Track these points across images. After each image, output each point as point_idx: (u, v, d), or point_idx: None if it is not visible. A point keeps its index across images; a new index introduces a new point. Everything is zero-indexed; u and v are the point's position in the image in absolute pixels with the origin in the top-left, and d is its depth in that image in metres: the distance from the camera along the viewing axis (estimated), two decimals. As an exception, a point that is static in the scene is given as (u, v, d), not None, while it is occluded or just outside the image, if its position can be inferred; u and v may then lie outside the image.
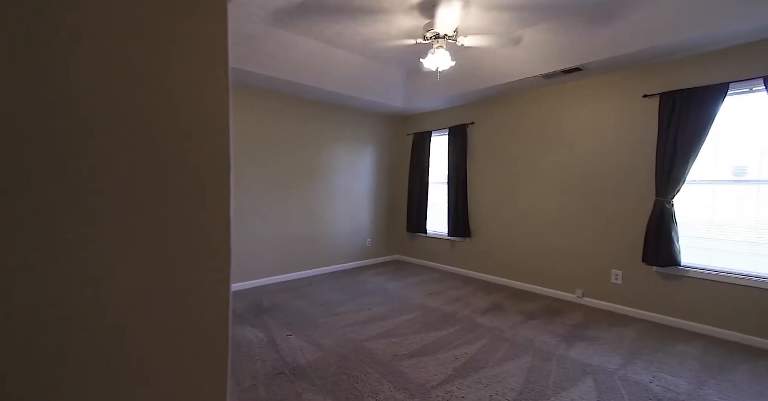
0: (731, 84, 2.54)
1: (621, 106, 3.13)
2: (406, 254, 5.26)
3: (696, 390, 1.93)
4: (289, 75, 3.44)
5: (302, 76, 3.53)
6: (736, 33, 2.36)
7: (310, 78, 3.59)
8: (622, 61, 2.91)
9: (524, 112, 3.83)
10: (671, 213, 2.81)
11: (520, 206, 3.87)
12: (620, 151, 3.14)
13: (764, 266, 2.52)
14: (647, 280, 2.98)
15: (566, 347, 2.46)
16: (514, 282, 3.92)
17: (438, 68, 2.72)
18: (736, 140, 2.70)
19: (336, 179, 4.57)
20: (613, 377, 2.07)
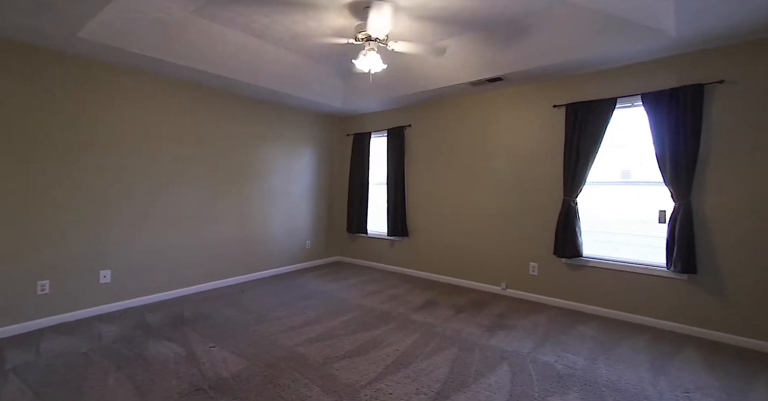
0: (618, 99, 2.97)
1: (536, 114, 3.47)
2: (347, 255, 5.25)
3: (590, 365, 2.21)
4: (216, 68, 3.22)
5: (231, 70, 3.33)
6: (620, 55, 2.76)
7: (241, 73, 3.40)
8: (536, 74, 3.23)
9: (455, 117, 4.06)
10: (575, 211, 3.19)
11: (452, 206, 4.09)
12: (536, 155, 3.47)
13: (646, 254, 2.98)
14: (558, 271, 3.35)
15: (489, 336, 2.65)
16: (448, 278, 4.13)
17: (370, 70, 2.75)
18: (622, 147, 3.15)
19: (273, 179, 4.39)
20: (526, 360, 2.28)
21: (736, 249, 2.53)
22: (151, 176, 3.31)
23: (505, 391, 1.94)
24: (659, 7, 2.11)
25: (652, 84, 2.82)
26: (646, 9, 2.20)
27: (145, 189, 3.27)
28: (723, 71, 2.55)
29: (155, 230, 3.33)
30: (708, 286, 2.63)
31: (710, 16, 2.12)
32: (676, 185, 2.69)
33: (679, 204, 2.68)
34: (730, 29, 2.29)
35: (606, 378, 2.07)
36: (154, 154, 3.32)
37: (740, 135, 2.51)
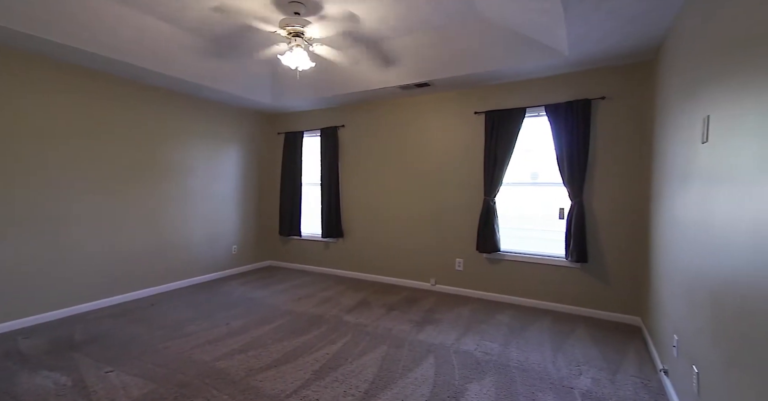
0: (527, 109, 3.32)
1: (460, 119, 3.71)
2: (279, 259, 5.02)
3: (503, 350, 2.43)
4: (116, 53, 2.82)
5: (135, 57, 2.94)
6: (528, 70, 3.09)
7: (147, 60, 3.03)
8: (459, 82, 3.45)
9: (388, 119, 4.14)
10: (494, 209, 3.49)
11: (385, 206, 4.17)
12: (460, 157, 3.71)
13: (551, 248, 3.38)
14: (480, 265, 3.62)
15: (418, 331, 2.75)
16: (382, 278, 4.19)
17: (297, 67, 2.66)
18: (532, 152, 3.53)
19: (193, 179, 4.00)
20: (449, 351, 2.42)
21: (615, 240, 3.00)
22: (34, 177, 2.77)
23: (430, 383, 2.03)
24: (555, 29, 2.41)
25: (553, 97, 3.21)
26: (545, 30, 2.50)
27: (25, 193, 2.72)
28: (604, 89, 3.01)
29: (36, 240, 2.80)
30: (596, 273, 3.08)
31: (591, 41, 2.49)
32: (572, 186, 3.10)
33: (574, 202, 3.09)
34: (606, 53, 2.72)
35: (516, 360, 2.30)
36: (38, 152, 2.79)
37: (615, 143, 2.99)
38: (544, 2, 2.09)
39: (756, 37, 1.12)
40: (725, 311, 1.26)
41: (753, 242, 1.08)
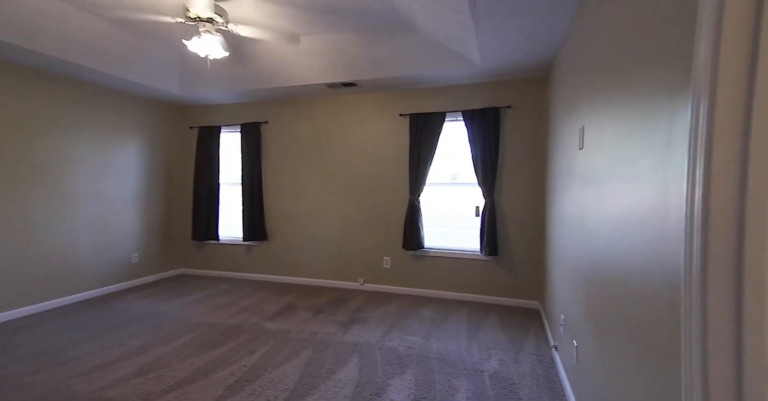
0: (447, 113, 3.54)
1: (386, 121, 3.79)
2: (192, 266, 4.53)
3: (425, 343, 2.55)
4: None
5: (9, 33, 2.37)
6: (447, 76, 3.29)
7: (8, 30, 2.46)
8: (385, 83, 3.52)
9: (315, 117, 4.04)
10: (418, 208, 3.64)
11: (312, 206, 4.06)
12: (387, 158, 3.79)
13: (468, 243, 3.65)
14: (406, 262, 3.75)
15: (344, 332, 2.72)
16: (309, 280, 4.07)
17: (208, 56, 2.42)
18: (452, 154, 3.77)
19: (76, 178, 3.38)
20: (374, 349, 2.45)
21: (520, 235, 3.38)
22: None
23: (353, 383, 2.02)
24: (469, 42, 2.61)
25: (469, 103, 3.48)
26: (461, 42, 2.69)
27: None
28: (510, 99, 3.36)
29: None
30: (505, 264, 3.42)
31: (499, 55, 2.76)
32: (485, 186, 3.39)
33: (487, 201, 3.39)
34: (512, 67, 3.04)
35: (436, 351, 2.42)
36: None
37: (519, 147, 3.37)
38: (458, 15, 2.25)
39: (609, 65, 1.35)
40: (593, 292, 1.49)
41: (611, 233, 1.29)
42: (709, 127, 0.71)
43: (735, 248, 0.70)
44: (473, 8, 2.03)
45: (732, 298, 0.70)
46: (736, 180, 0.69)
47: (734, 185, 0.70)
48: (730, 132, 0.70)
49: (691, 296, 0.74)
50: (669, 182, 0.87)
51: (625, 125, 1.18)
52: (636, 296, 1.05)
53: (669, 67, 0.88)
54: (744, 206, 0.69)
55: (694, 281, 0.74)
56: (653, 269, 0.94)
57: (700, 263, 0.73)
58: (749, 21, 0.67)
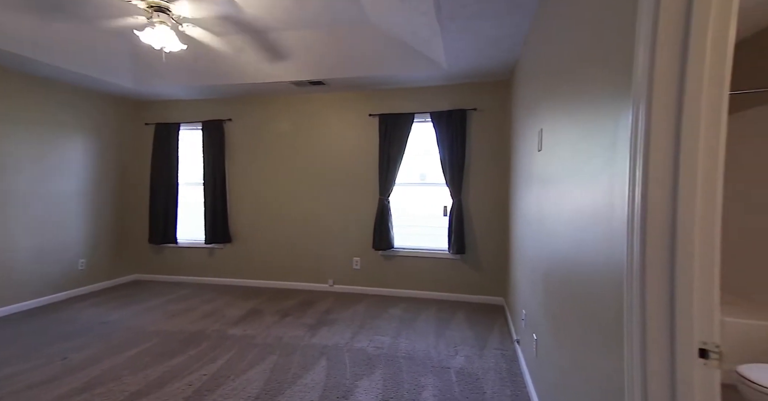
0: (416, 114, 3.58)
1: (356, 121, 3.77)
2: (149, 271, 4.26)
3: (394, 342, 2.55)
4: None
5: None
6: (415, 78, 3.32)
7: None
8: (354, 83, 3.49)
9: (282, 115, 3.93)
10: (388, 208, 3.65)
11: (279, 207, 3.95)
12: (356, 158, 3.77)
13: (437, 242, 3.70)
14: (376, 262, 3.74)
15: (311, 335, 2.67)
16: (277, 283, 3.96)
17: (164, 48, 2.28)
18: (421, 154, 3.82)
19: (14, 177, 3.06)
20: (343, 351, 2.42)
21: (486, 233, 3.48)
22: None
23: (320, 387, 1.98)
24: (436, 44, 2.65)
25: (437, 105, 3.53)
26: (427, 44, 2.72)
27: None
28: (476, 102, 3.46)
29: None
30: (472, 262, 3.51)
31: (464, 58, 2.83)
32: (453, 186, 3.46)
33: (455, 201, 3.46)
34: (477, 70, 3.12)
35: (405, 350, 2.43)
36: None
37: (485, 149, 3.47)
38: (423, 16, 2.27)
39: (562, 71, 1.42)
40: (551, 287, 1.56)
41: (567, 231, 1.36)
42: (647, 131, 0.76)
43: (668, 245, 0.75)
44: (438, 11, 2.06)
45: (666, 290, 0.75)
46: (669, 181, 0.75)
47: (667, 186, 0.75)
48: (663, 136, 0.75)
49: (632, 289, 0.79)
50: (614, 182, 0.93)
51: (577, 128, 1.25)
52: (587, 290, 1.11)
53: (613, 74, 0.94)
54: (675, 205, 0.74)
55: (634, 275, 0.79)
56: (602, 265, 1.00)
57: (640, 258, 0.78)
58: (680, 35, 0.72)
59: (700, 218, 0.72)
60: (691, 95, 0.72)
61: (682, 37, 0.72)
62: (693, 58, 0.71)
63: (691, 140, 0.72)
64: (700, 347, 0.72)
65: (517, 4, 1.99)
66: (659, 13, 0.73)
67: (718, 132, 0.71)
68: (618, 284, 0.88)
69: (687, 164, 0.73)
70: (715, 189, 0.72)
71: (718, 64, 0.70)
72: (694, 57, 0.71)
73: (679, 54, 0.72)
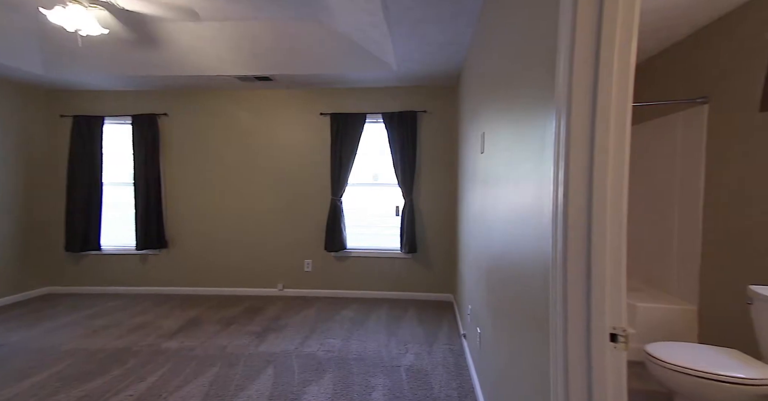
0: (368, 115, 3.58)
1: (307, 119, 3.67)
2: (65, 283, 3.75)
3: (345, 344, 2.52)
4: None
5: None
6: (367, 78, 3.32)
7: None
8: (303, 80, 3.39)
9: (226, 112, 3.69)
10: (340, 209, 3.60)
11: (224, 210, 3.70)
12: (308, 157, 3.67)
13: (389, 242, 3.74)
14: (328, 264, 3.68)
15: (258, 343, 2.54)
16: (221, 289, 3.71)
17: (78, 31, 2.01)
18: (373, 154, 3.83)
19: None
20: (291, 357, 2.33)
21: (436, 232, 3.59)
22: None
23: (266, 396, 1.89)
24: (386, 45, 2.67)
25: (388, 106, 3.57)
26: (378, 45, 2.74)
27: None
28: (426, 104, 3.56)
29: None
30: (423, 261, 3.60)
31: (413, 61, 2.89)
32: (405, 186, 3.52)
33: (407, 201, 3.53)
34: (426, 74, 3.21)
35: (356, 352, 2.41)
36: None
37: (434, 150, 3.58)
38: (372, 17, 2.28)
39: (500, 77, 1.51)
40: (492, 282, 1.65)
41: (505, 229, 1.44)
42: (567, 138, 0.83)
43: (585, 241, 0.82)
44: (386, 12, 2.08)
45: (583, 282, 0.83)
46: (585, 183, 0.82)
47: (584, 187, 0.82)
48: (581, 143, 0.82)
49: (556, 281, 0.86)
50: (543, 183, 1.00)
51: (513, 133, 1.33)
52: (521, 284, 1.19)
53: (541, 86, 1.01)
54: (590, 204, 0.82)
55: (558, 269, 0.86)
56: (533, 260, 1.07)
57: (562, 253, 0.84)
58: (591, 57, 0.80)
59: (610, 216, 0.80)
60: (602, 107, 0.80)
61: (593, 59, 0.80)
62: (602, 78, 0.79)
63: (603, 146, 0.80)
64: (611, 331, 0.80)
65: (459, 12, 2.08)
66: (575, 39, 0.80)
67: (624, 140, 0.80)
68: (546, 278, 0.95)
69: (599, 168, 0.81)
70: (622, 190, 0.80)
71: (623, 82, 0.79)
72: (603, 76, 0.79)
73: (592, 73, 0.80)
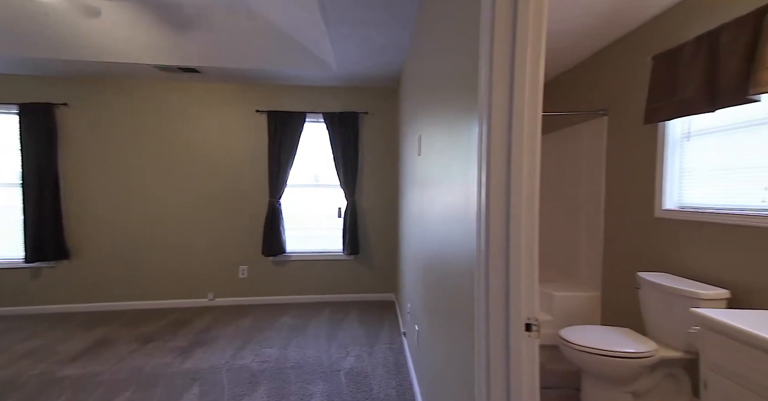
0: (308, 114, 3.47)
1: (241, 116, 3.43)
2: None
3: (282, 353, 2.40)
4: None
5: None
6: (307, 76, 3.22)
7: None
8: (236, 75, 3.17)
9: (146, 105, 3.29)
10: (279, 211, 3.44)
11: (144, 213, 3.30)
12: (243, 157, 3.44)
13: (331, 244, 3.66)
14: (266, 270, 3.48)
15: (182, 360, 2.30)
16: (139, 303, 3.30)
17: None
18: (314, 155, 3.73)
19: None
20: (221, 372, 2.15)
21: (378, 233, 3.62)
22: None
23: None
24: (324, 44, 2.62)
25: (329, 106, 3.51)
26: (316, 43, 2.67)
27: None
28: (368, 105, 3.57)
29: None
30: (365, 262, 3.61)
31: (353, 62, 2.88)
32: (346, 187, 3.49)
33: (349, 202, 3.50)
34: (367, 75, 3.22)
35: (294, 359, 2.31)
36: None
37: (376, 151, 3.61)
38: (309, 14, 2.21)
39: (433, 82, 1.57)
40: (429, 280, 1.70)
41: (440, 228, 1.49)
42: (488, 144, 0.88)
43: (504, 240, 0.88)
44: (324, 11, 2.04)
45: (503, 277, 0.89)
46: (503, 185, 0.88)
47: (502, 189, 0.88)
48: (500, 149, 0.88)
49: (480, 277, 0.91)
50: (469, 185, 1.05)
51: (445, 137, 1.38)
52: (453, 281, 1.24)
53: (468, 95, 1.06)
54: (509, 205, 0.88)
55: (481, 265, 0.90)
56: (463, 259, 1.12)
57: (485, 251, 0.89)
58: (507, 73, 0.87)
59: (525, 215, 0.87)
60: (517, 117, 0.86)
61: (509, 74, 0.86)
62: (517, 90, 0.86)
63: (518, 151, 0.87)
64: (526, 322, 0.87)
65: (397, 16, 2.12)
66: (493, 57, 0.86)
67: (535, 145, 0.87)
68: (473, 274, 1.00)
69: (515, 171, 0.87)
70: (534, 191, 0.88)
71: (533, 95, 0.86)
72: (517, 89, 0.85)
73: (508, 87, 0.86)
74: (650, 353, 1.54)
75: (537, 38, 0.85)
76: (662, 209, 1.86)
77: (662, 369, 1.60)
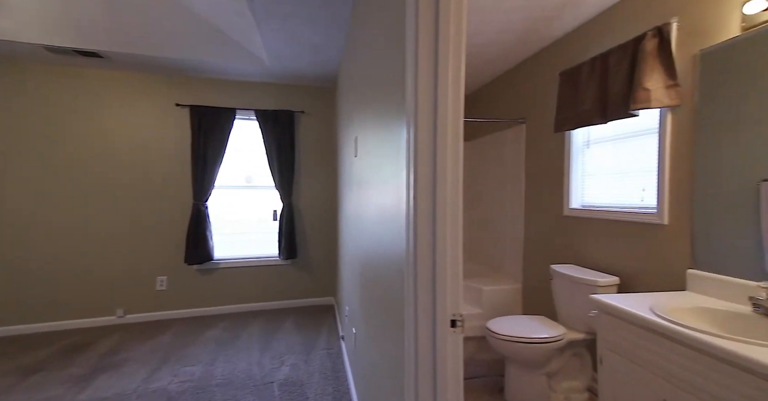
0: (237, 110, 3.24)
1: (158, 111, 3.07)
2: None
3: (207, 369, 2.19)
4: None
5: None
6: (236, 70, 3.01)
7: None
8: (149, 63, 2.82)
9: (33, 91, 2.76)
10: (205, 214, 3.15)
11: (36, 222, 2.76)
12: (159, 155, 3.07)
13: (266, 249, 3.47)
14: (189, 279, 3.16)
15: (78, 390, 1.96)
16: (20, 327, 2.74)
17: None
18: (246, 154, 3.49)
19: None
20: (131, 397, 1.88)
21: (316, 235, 3.52)
22: None
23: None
24: (253, 37, 2.46)
25: (262, 103, 3.32)
26: (245, 35, 2.50)
27: None
28: (304, 104, 3.45)
29: None
30: (303, 266, 3.48)
31: (286, 58, 2.76)
32: (283, 189, 3.33)
33: (285, 204, 3.34)
34: (302, 73, 3.12)
35: (221, 375, 2.12)
36: None
37: (314, 152, 3.52)
38: (234, 3, 2.06)
39: (367, 85, 1.58)
40: (365, 281, 1.69)
41: (375, 229, 1.49)
42: (415, 149, 0.90)
43: (431, 241, 0.91)
44: (251, 2, 1.91)
45: (430, 276, 0.91)
46: (430, 185, 0.91)
47: (429, 189, 0.91)
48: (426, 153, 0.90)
49: (409, 277, 0.92)
50: (400, 187, 1.06)
51: (378, 140, 1.39)
52: (386, 282, 1.24)
53: (398, 100, 1.08)
54: (434, 207, 0.91)
55: (410, 265, 0.92)
56: (395, 259, 1.13)
57: (413, 251, 0.91)
58: (431, 84, 0.89)
59: (449, 216, 0.90)
60: (441, 120, 0.89)
61: (432, 86, 0.89)
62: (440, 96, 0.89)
63: (443, 155, 0.90)
64: (451, 318, 0.90)
65: (331, 15, 2.09)
66: (418, 65, 0.88)
67: (458, 149, 0.91)
68: (404, 274, 1.01)
69: (440, 173, 0.90)
70: (458, 192, 0.92)
71: (455, 105, 0.90)
72: (440, 95, 0.89)
73: (432, 92, 0.89)
74: (560, 336, 1.73)
75: (457, 46, 0.89)
76: (569, 207, 2.11)
77: (570, 349, 1.81)
